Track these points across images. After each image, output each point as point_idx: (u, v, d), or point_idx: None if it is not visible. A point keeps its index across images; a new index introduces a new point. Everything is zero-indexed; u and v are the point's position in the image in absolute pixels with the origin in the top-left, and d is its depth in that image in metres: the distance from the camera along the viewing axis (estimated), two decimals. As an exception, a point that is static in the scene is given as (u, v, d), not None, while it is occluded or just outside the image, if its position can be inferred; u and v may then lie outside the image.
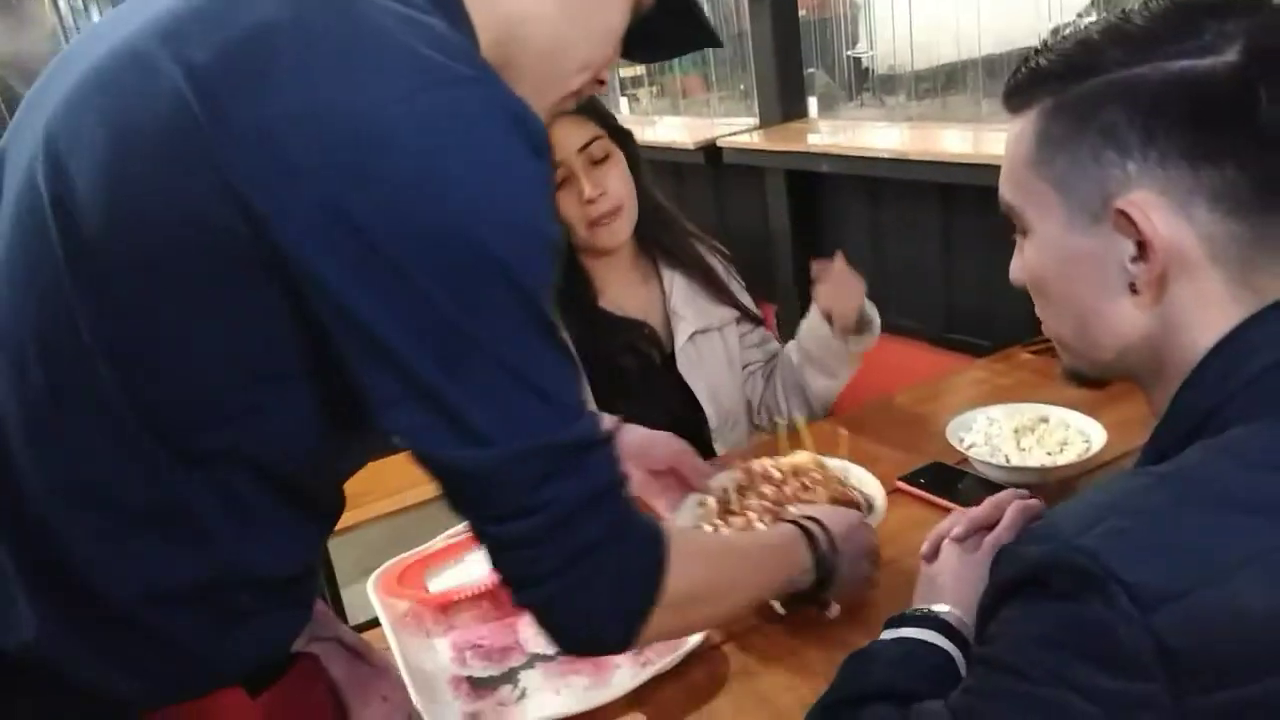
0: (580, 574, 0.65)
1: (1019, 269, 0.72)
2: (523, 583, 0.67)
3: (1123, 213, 0.60)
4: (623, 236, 1.48)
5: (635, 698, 0.95)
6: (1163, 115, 0.59)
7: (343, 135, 0.57)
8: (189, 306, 0.61)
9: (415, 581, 1.17)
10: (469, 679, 1.01)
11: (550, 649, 0.76)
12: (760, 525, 1.07)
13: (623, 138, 1.48)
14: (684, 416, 1.53)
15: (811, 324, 1.49)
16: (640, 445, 1.20)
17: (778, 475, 1.13)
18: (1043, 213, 0.66)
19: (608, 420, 1.08)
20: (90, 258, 0.61)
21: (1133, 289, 0.62)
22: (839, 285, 1.43)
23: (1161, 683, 0.49)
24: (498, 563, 0.67)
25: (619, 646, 0.73)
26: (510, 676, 1.02)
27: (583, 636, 0.71)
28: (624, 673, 0.98)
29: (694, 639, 0.99)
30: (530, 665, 1.03)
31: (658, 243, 1.56)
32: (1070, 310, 0.68)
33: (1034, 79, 0.65)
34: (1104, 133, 0.61)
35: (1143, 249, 0.61)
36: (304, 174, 0.56)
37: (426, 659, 1.04)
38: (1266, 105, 0.57)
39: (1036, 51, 0.66)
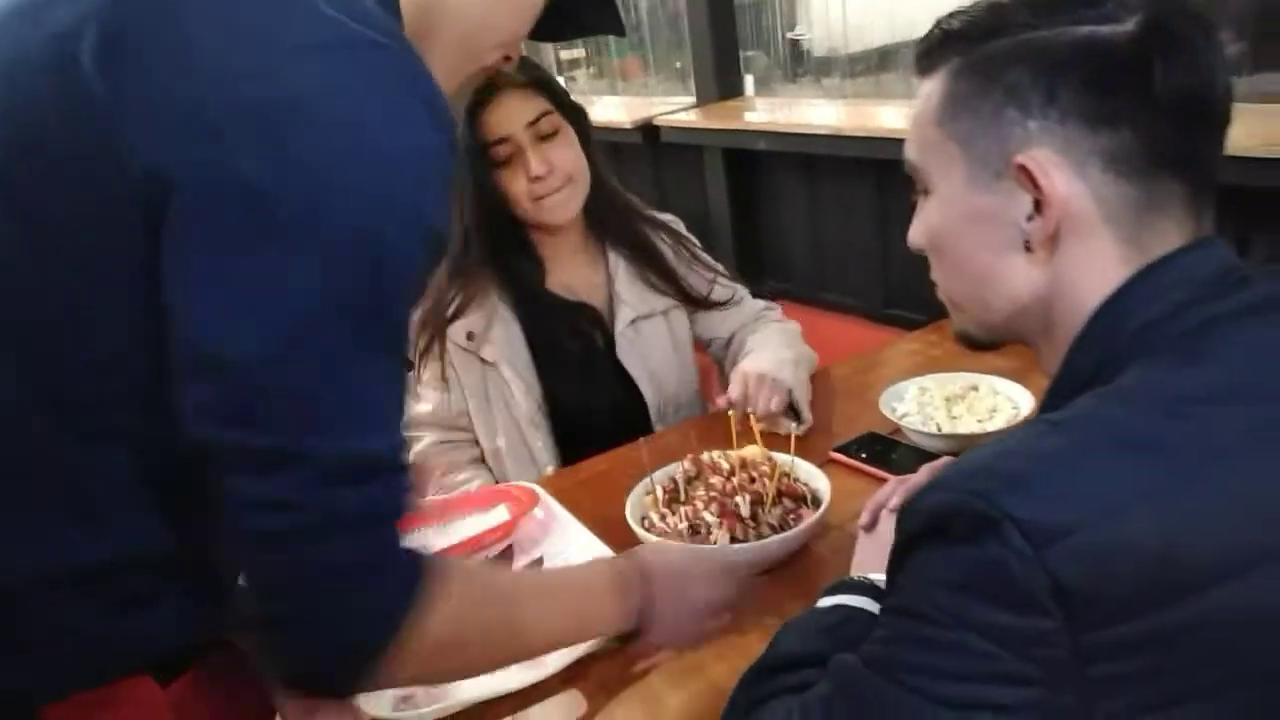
0: (326, 592, 0.60)
1: (918, 231, 0.73)
2: (269, 590, 0.62)
3: (1023, 168, 0.61)
4: (572, 211, 1.45)
5: (570, 674, 0.94)
6: (1065, 77, 0.60)
7: (240, 97, 0.55)
8: (86, 273, 0.59)
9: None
10: None
11: None
12: (707, 515, 1.06)
13: (574, 113, 1.46)
14: (624, 399, 1.52)
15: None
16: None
17: (726, 467, 1.13)
18: (946, 170, 0.67)
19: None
20: None
21: (1027, 247, 0.64)
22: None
23: (1058, 618, 0.50)
24: (252, 566, 0.62)
25: (343, 685, 0.66)
26: None
27: (305, 669, 0.64)
28: (559, 651, 0.97)
29: None
30: None
31: (605, 223, 1.54)
32: (966, 269, 0.69)
33: (944, 40, 0.67)
34: (1008, 91, 0.62)
35: (1039, 205, 0.62)
36: (199, 134, 0.55)
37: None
38: (1161, 76, 0.59)
39: (949, 15, 0.67)
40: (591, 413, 1.51)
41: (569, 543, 1.15)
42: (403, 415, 0.64)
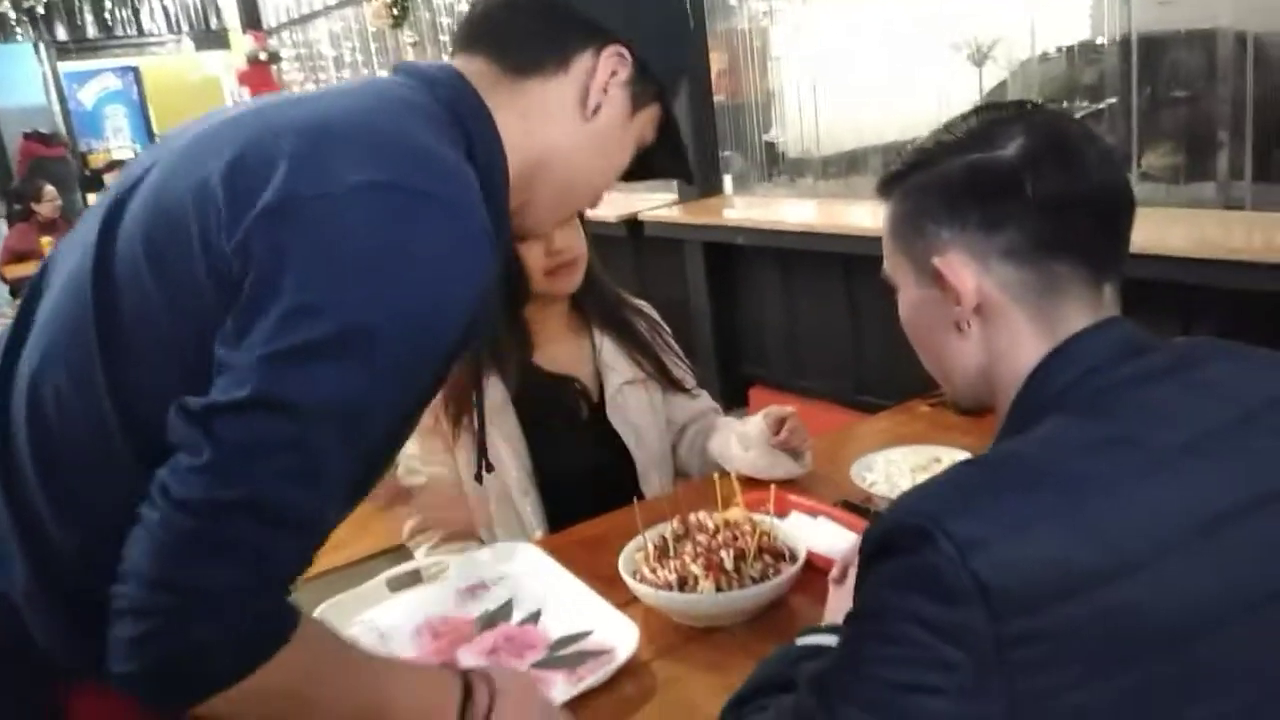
0: (230, 599, 0.67)
1: (902, 321, 0.88)
2: (178, 571, 0.67)
3: (937, 269, 0.77)
4: (575, 285, 1.61)
5: (567, 710, 1.02)
6: (961, 195, 0.77)
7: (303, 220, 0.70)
8: (196, 324, 0.72)
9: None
10: None
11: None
12: (694, 568, 1.15)
13: None
14: (609, 463, 1.62)
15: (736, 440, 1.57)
16: None
17: (711, 526, 1.23)
18: (901, 274, 0.83)
19: None
20: (113, 306, 0.74)
21: (959, 328, 0.79)
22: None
23: (982, 612, 0.62)
24: (164, 554, 0.67)
25: (176, 695, 0.70)
26: None
27: (158, 666, 0.68)
28: (559, 690, 1.05)
29: (623, 655, 1.06)
30: None
31: (592, 305, 1.68)
32: (927, 349, 0.85)
33: (892, 176, 0.83)
34: (925, 211, 0.79)
35: (957, 296, 0.77)
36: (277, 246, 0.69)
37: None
38: (1031, 185, 0.74)
39: (896, 156, 0.85)
40: (577, 478, 1.61)
41: (563, 596, 1.23)
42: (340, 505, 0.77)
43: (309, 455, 0.69)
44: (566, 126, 0.87)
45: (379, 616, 1.24)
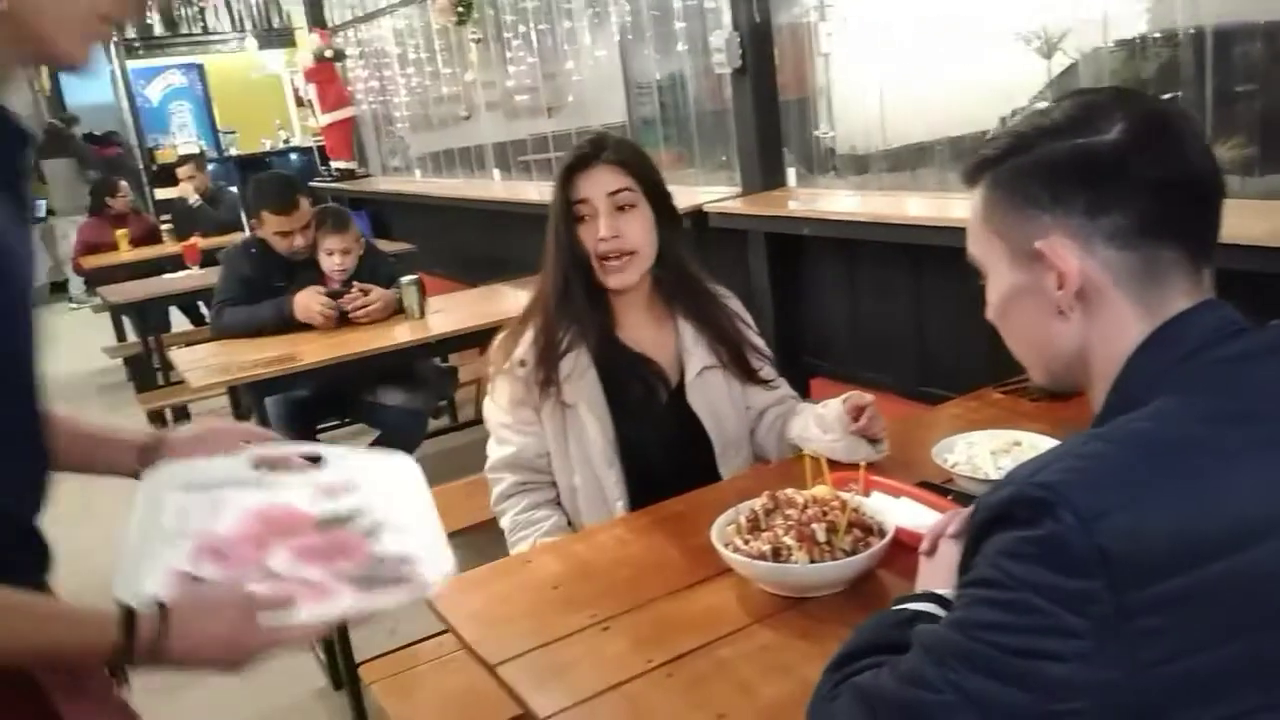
0: None
1: (989, 308, 0.91)
2: None
3: (1041, 252, 0.80)
4: (629, 281, 1.65)
5: (672, 669, 1.08)
6: (1065, 179, 0.79)
7: None
8: None
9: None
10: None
11: None
12: (787, 539, 1.20)
13: (659, 197, 1.67)
14: (687, 444, 1.68)
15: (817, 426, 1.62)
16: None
17: (800, 501, 1.28)
18: (993, 259, 0.86)
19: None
20: None
21: (1060, 312, 0.81)
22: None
23: (1103, 581, 0.65)
24: None
25: None
26: None
27: None
28: (344, 603, 0.98)
29: (422, 590, 1.02)
30: None
31: (674, 294, 1.73)
32: (1021, 332, 0.87)
33: (983, 161, 0.86)
34: (1028, 195, 0.81)
35: (1060, 278, 0.80)
36: None
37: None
38: (1136, 169, 0.77)
39: (985, 141, 0.88)
40: (657, 455, 1.68)
41: (409, 520, 1.13)
42: None
43: None
44: None
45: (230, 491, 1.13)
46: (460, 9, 4.90)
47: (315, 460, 1.20)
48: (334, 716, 2.48)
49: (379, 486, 1.17)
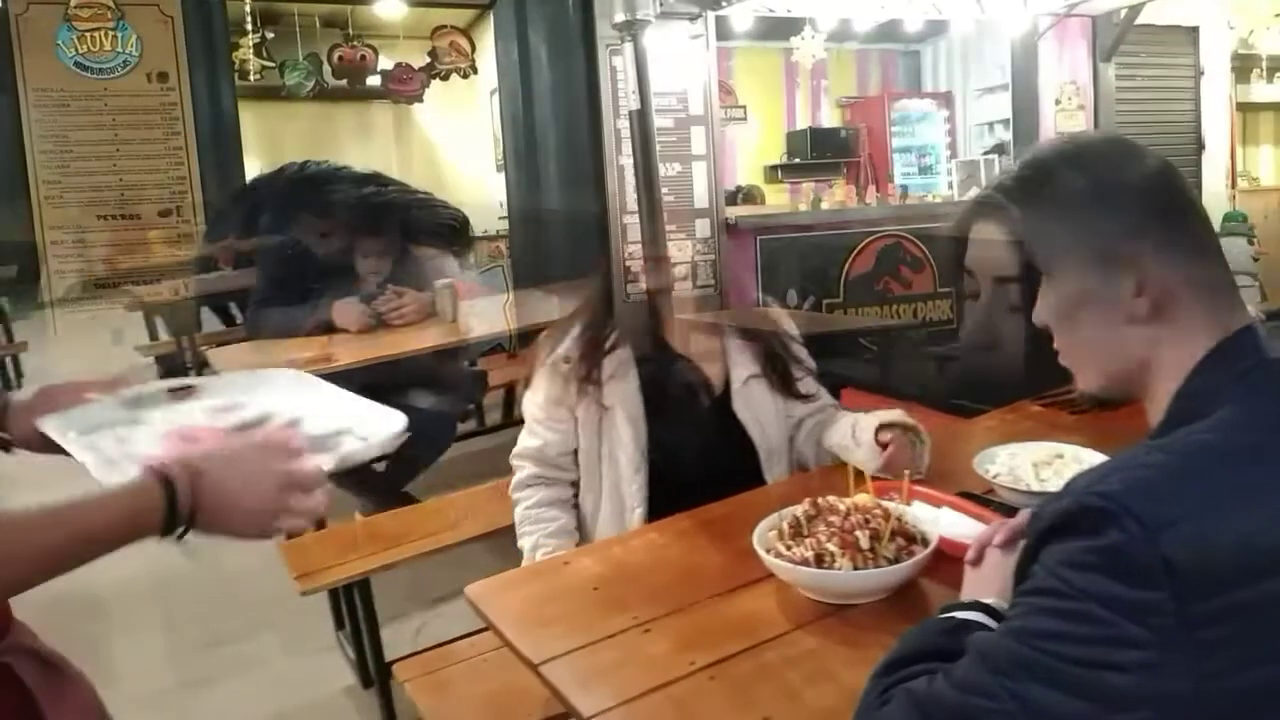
0: None
1: (1041, 310, 0.90)
2: None
3: (1127, 258, 0.81)
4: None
5: (714, 672, 1.09)
6: (1141, 200, 0.82)
7: None
8: None
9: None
10: None
11: None
12: (830, 546, 1.21)
13: None
14: (727, 452, 1.69)
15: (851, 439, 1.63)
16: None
17: (843, 509, 1.29)
18: (1059, 263, 0.86)
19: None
20: None
21: (1132, 320, 0.82)
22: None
23: (1168, 592, 0.65)
24: None
25: None
26: None
27: None
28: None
29: (385, 435, 1.05)
30: None
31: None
32: (1080, 338, 0.87)
33: (1050, 170, 0.87)
34: (1107, 204, 0.82)
35: (1139, 285, 0.80)
36: None
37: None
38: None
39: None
40: (690, 460, 1.69)
41: (322, 406, 1.15)
42: None
43: None
44: None
45: (124, 430, 1.09)
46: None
47: (187, 391, 1.16)
48: (363, 715, 2.49)
49: (272, 395, 1.15)
